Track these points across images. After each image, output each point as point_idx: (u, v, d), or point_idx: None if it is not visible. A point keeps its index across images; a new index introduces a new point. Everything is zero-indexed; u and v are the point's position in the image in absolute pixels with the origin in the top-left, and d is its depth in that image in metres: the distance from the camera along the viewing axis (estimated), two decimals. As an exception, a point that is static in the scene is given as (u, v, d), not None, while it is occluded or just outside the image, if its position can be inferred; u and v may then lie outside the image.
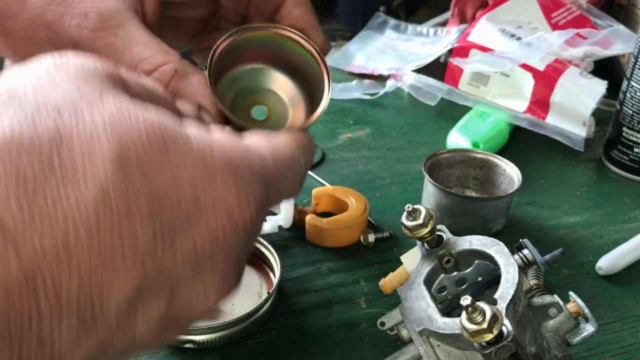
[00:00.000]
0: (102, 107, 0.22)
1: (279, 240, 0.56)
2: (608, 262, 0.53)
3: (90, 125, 0.21)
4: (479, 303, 0.30)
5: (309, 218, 0.55)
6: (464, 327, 0.31)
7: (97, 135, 0.21)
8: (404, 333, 0.39)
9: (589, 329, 0.37)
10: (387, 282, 0.47)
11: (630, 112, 0.65)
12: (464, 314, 0.31)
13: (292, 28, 0.35)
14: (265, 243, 0.51)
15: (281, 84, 0.36)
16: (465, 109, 0.75)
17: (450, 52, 0.80)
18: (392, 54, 0.90)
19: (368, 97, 0.83)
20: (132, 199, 0.20)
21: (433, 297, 0.37)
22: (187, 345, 0.44)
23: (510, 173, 0.59)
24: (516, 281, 0.34)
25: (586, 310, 0.37)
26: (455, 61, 0.76)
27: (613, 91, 0.72)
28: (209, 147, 0.23)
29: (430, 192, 0.57)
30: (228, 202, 0.23)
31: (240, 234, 0.24)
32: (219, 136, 0.25)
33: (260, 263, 0.52)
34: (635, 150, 0.66)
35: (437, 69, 0.82)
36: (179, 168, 0.22)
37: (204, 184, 0.23)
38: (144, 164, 0.21)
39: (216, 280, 0.24)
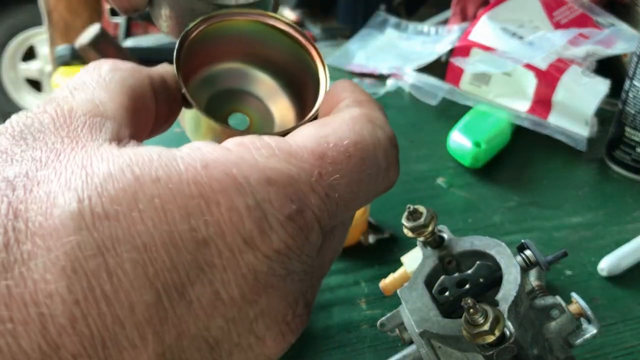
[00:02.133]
0: (57, 162, 0.19)
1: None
2: (610, 262, 0.53)
3: (45, 187, 0.18)
4: (480, 304, 0.30)
5: (309, 218, 0.55)
6: (465, 329, 0.30)
7: (53, 196, 0.17)
8: (405, 335, 0.39)
9: (591, 330, 0.36)
10: (388, 283, 0.46)
11: (633, 111, 0.65)
12: (465, 315, 0.30)
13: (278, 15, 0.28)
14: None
15: (264, 87, 0.29)
16: (467, 109, 0.74)
17: (452, 52, 0.79)
18: (392, 52, 0.89)
19: (369, 96, 0.82)
20: (110, 257, 0.17)
21: (434, 299, 0.37)
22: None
23: None
24: (518, 282, 0.34)
25: (588, 312, 0.37)
26: (457, 61, 0.76)
27: (616, 90, 0.71)
28: (202, 162, 0.19)
29: None
30: (242, 228, 0.18)
31: (277, 266, 0.19)
32: (223, 145, 0.20)
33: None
34: (638, 150, 0.66)
35: (438, 68, 0.81)
36: (160, 200, 0.18)
37: (201, 212, 0.18)
38: (112, 212, 0.17)
39: (270, 323, 0.19)
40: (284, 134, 0.26)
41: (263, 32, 0.28)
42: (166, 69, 0.27)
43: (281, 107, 0.30)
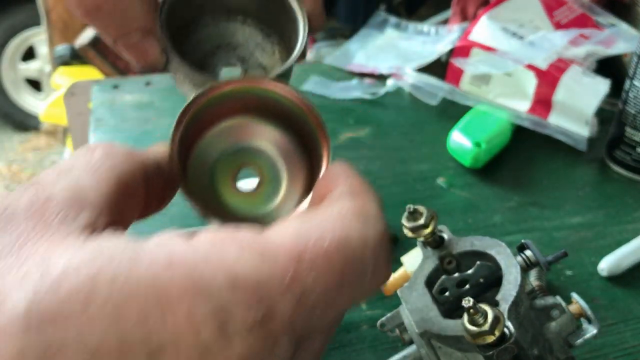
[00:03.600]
0: (19, 253, 0.18)
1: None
2: (611, 262, 0.53)
3: (1, 280, 0.17)
4: (480, 304, 0.30)
5: (309, 218, 0.55)
6: (465, 329, 0.30)
7: (7, 290, 0.17)
8: (405, 335, 0.38)
9: (591, 330, 0.36)
10: (388, 283, 0.46)
11: (633, 111, 0.65)
12: (465, 315, 0.30)
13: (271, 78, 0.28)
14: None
15: (270, 138, 0.29)
16: (467, 109, 0.74)
17: (452, 52, 0.79)
18: (392, 52, 0.89)
19: (369, 96, 0.82)
20: None
21: (434, 299, 0.36)
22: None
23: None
24: (518, 282, 0.34)
25: (589, 312, 0.36)
26: (457, 62, 0.76)
27: (616, 90, 0.71)
28: (165, 260, 0.18)
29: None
30: (199, 337, 0.17)
31: None
32: (193, 240, 0.19)
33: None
34: (638, 149, 0.66)
35: (438, 68, 0.81)
36: (114, 303, 0.17)
37: (156, 318, 0.17)
38: (62, 314, 0.16)
39: None
40: (273, 218, 0.26)
41: (267, 95, 0.28)
42: (162, 154, 0.26)
43: (292, 163, 0.29)
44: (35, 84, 2.60)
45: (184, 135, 0.26)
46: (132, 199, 0.24)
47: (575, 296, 0.38)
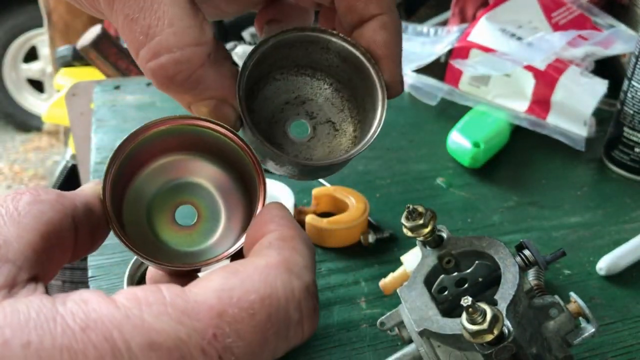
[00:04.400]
0: None
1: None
2: (609, 262, 0.53)
3: None
4: (479, 303, 0.30)
5: (309, 218, 0.55)
6: (464, 328, 0.30)
7: None
8: (404, 333, 0.39)
9: (589, 329, 0.36)
10: (388, 282, 0.47)
11: (631, 112, 0.65)
12: (464, 314, 0.30)
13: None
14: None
15: (208, 174, 0.29)
16: (466, 109, 0.75)
17: (451, 52, 0.80)
18: (392, 53, 0.89)
19: (369, 97, 0.83)
20: None
21: (433, 298, 0.37)
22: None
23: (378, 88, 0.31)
24: (517, 282, 0.34)
25: (587, 311, 0.37)
26: (456, 63, 0.76)
27: (614, 91, 0.71)
28: (82, 323, 0.18)
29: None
30: None
31: None
32: (113, 300, 0.19)
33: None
34: (636, 150, 0.66)
35: (437, 68, 0.82)
36: None
37: None
38: None
39: None
40: (210, 254, 0.26)
41: (204, 133, 0.28)
42: (93, 195, 0.26)
43: (230, 200, 0.29)
44: (37, 85, 2.61)
45: (117, 175, 0.26)
46: (59, 247, 0.23)
47: (573, 295, 0.38)
